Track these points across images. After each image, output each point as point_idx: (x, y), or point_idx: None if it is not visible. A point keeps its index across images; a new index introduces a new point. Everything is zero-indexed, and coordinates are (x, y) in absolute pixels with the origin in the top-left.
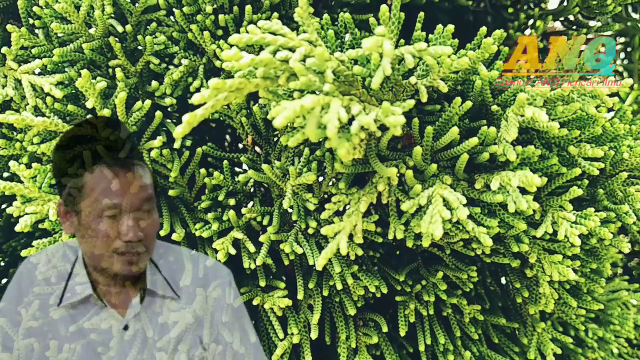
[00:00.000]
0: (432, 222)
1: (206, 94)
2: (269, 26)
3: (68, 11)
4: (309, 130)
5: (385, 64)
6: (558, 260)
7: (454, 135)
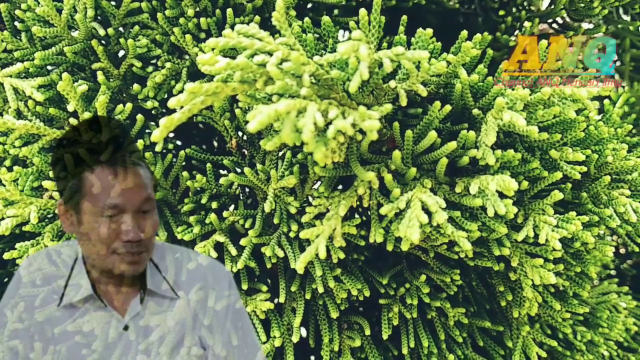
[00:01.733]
0: (410, 226)
1: (182, 98)
2: (246, 30)
3: (50, 14)
4: (284, 134)
5: (362, 68)
6: (539, 264)
7: (433, 139)
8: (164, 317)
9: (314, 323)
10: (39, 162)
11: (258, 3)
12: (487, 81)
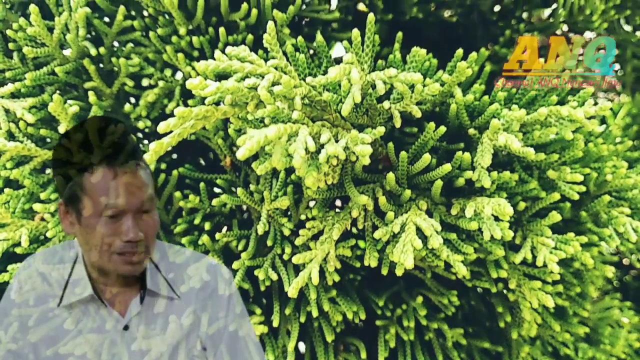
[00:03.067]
0: (404, 251)
1: (172, 122)
2: (237, 53)
3: (41, 35)
4: (275, 160)
5: (354, 91)
6: (538, 287)
7: (427, 162)
8: (164, 317)
9: (310, 345)
10: (30, 184)
11: (251, 21)
12: (483, 100)
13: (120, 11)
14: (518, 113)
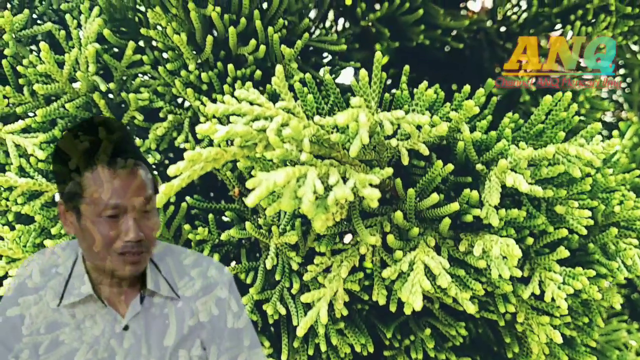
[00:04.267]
0: (413, 292)
1: (182, 165)
2: (246, 95)
3: (52, 71)
4: (284, 204)
5: (362, 133)
6: (546, 322)
7: (435, 200)
8: (164, 318)
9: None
10: (41, 219)
11: (259, 55)
12: (490, 136)
13: (129, 46)
14: (526, 152)
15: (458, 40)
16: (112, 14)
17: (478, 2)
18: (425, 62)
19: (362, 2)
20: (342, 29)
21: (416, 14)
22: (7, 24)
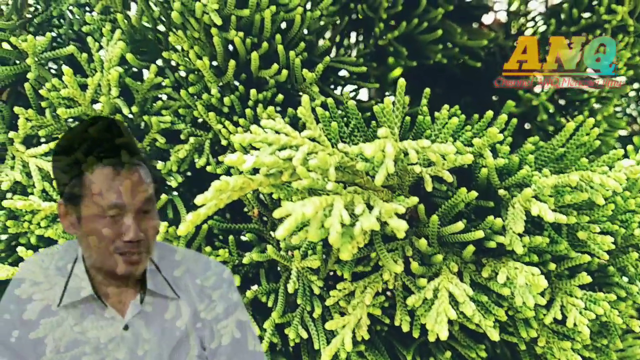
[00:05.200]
0: (438, 322)
1: (209, 195)
2: (272, 125)
3: (75, 95)
4: (311, 234)
5: (388, 163)
6: (568, 347)
7: (460, 228)
8: (164, 318)
9: None
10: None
11: (281, 78)
12: (512, 161)
13: (152, 69)
14: (550, 180)
15: (474, 57)
16: (133, 35)
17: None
18: (440, 78)
19: (381, 22)
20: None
21: (435, 34)
22: (30, 47)
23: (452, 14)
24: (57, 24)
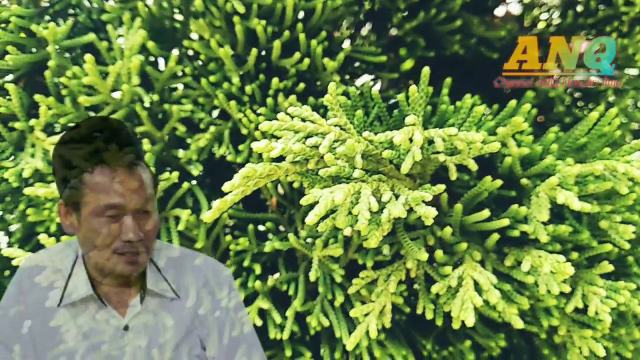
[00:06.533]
0: (464, 309)
1: (236, 182)
2: (299, 112)
3: (96, 83)
4: (339, 221)
5: (415, 150)
6: (589, 335)
7: (485, 216)
8: (164, 317)
9: None
10: None
11: (303, 67)
12: (534, 150)
13: (172, 58)
14: (575, 169)
15: (491, 48)
16: (152, 24)
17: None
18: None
19: (399, 12)
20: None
21: (454, 24)
22: (51, 35)
23: (467, 6)
24: (74, 13)
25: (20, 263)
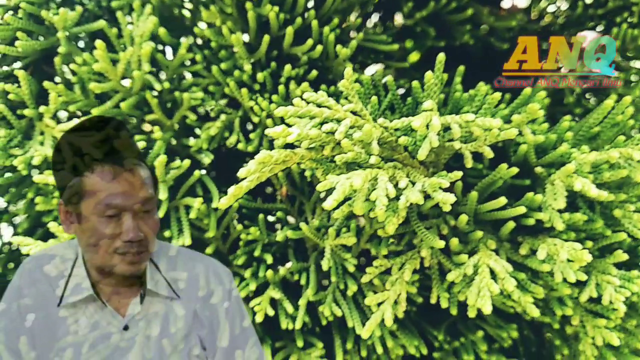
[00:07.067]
0: (481, 296)
1: (252, 167)
2: (315, 98)
3: (107, 70)
4: (357, 207)
5: (432, 136)
6: (603, 324)
7: (502, 203)
8: (164, 317)
9: None
10: None
11: (315, 54)
12: (549, 138)
13: (183, 45)
14: (591, 156)
15: (500, 39)
16: (161, 11)
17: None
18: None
19: (409, 2)
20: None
21: (464, 14)
22: (61, 21)
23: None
24: (80, 1)
25: (29, 251)
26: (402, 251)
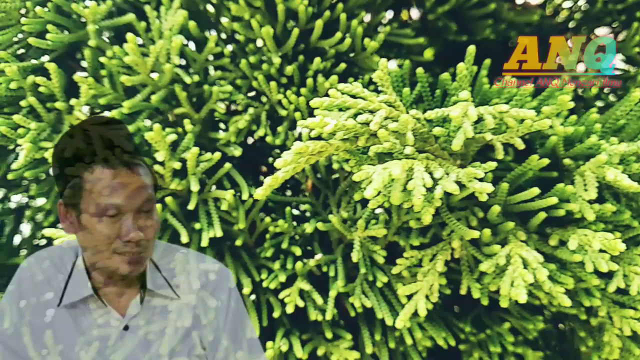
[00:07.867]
0: (516, 286)
1: (289, 158)
2: (350, 89)
3: (137, 63)
4: (394, 197)
5: (466, 127)
6: (630, 315)
7: (534, 194)
8: (164, 317)
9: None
10: None
11: (343, 47)
12: (577, 130)
13: (211, 39)
14: (621, 147)
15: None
16: (188, 6)
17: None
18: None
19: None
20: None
21: (487, 8)
22: (91, 14)
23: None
24: None
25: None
26: (428, 243)
